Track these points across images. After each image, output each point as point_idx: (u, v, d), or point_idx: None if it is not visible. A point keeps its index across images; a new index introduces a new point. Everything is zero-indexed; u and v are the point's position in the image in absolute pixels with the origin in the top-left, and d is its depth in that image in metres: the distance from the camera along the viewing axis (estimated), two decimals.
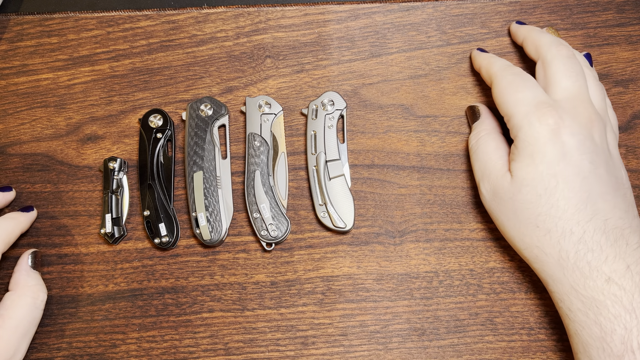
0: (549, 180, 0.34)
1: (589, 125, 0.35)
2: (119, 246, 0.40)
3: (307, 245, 0.40)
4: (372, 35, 0.42)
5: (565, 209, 0.34)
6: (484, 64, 0.40)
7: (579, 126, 0.34)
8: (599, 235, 0.33)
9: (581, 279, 0.33)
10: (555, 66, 0.37)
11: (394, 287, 0.40)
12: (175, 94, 0.42)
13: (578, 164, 0.34)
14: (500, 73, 0.38)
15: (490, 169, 0.37)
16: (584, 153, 0.34)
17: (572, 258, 0.33)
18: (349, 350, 0.39)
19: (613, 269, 0.32)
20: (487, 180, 0.37)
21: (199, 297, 0.39)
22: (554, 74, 0.37)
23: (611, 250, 0.32)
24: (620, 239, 0.33)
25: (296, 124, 0.42)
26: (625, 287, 0.31)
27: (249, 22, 0.42)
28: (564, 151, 0.34)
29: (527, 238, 0.35)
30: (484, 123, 0.40)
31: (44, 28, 0.42)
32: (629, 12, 0.43)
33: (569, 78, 0.36)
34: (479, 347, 0.39)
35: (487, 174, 0.37)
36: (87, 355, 0.39)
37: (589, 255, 0.33)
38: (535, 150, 0.34)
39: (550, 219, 0.34)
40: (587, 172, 0.34)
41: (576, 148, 0.34)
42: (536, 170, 0.34)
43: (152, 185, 0.40)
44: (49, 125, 0.41)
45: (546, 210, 0.34)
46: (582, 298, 0.33)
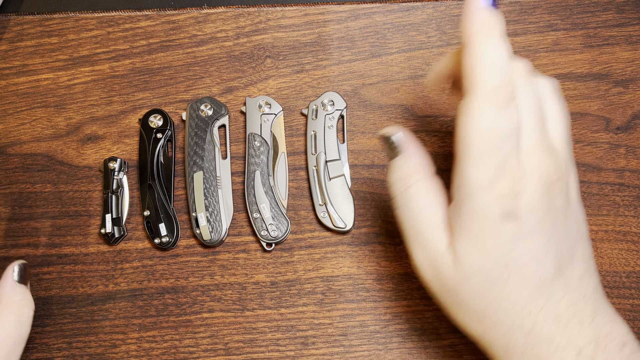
0: (500, 270, 0.29)
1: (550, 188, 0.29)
2: (119, 246, 0.40)
3: (307, 245, 0.40)
4: (372, 36, 0.42)
5: (517, 301, 0.29)
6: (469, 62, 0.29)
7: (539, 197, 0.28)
8: (550, 324, 0.29)
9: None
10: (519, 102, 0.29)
11: (394, 287, 0.40)
12: (175, 94, 0.42)
13: (535, 247, 0.29)
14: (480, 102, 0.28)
15: (426, 238, 0.31)
16: (542, 232, 0.29)
17: (520, 350, 0.29)
18: (349, 350, 0.39)
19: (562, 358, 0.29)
20: (423, 251, 0.31)
21: (199, 297, 0.39)
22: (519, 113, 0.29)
23: (562, 338, 0.29)
24: (573, 319, 0.29)
25: (296, 124, 0.42)
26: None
27: (249, 22, 0.42)
28: (519, 236, 0.28)
29: (473, 326, 0.31)
30: (410, 161, 0.31)
31: (44, 28, 0.42)
32: (629, 12, 0.43)
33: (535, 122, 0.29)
34: None
35: (421, 244, 0.31)
36: (87, 355, 0.39)
37: (537, 348, 0.29)
38: (484, 235, 0.29)
39: (500, 311, 0.29)
40: (545, 254, 0.29)
41: (534, 230, 0.28)
42: (485, 259, 0.29)
43: (152, 185, 0.40)
44: (49, 125, 0.41)
45: (496, 303, 0.29)
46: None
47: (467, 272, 0.29)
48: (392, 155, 0.32)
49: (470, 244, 0.29)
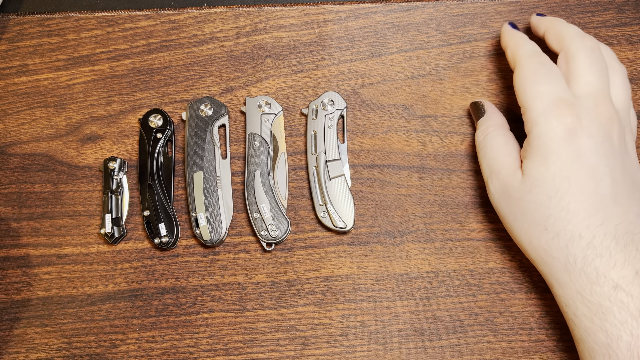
0: (561, 182, 0.33)
1: (609, 126, 0.34)
2: (119, 246, 0.40)
3: (307, 245, 0.40)
4: (372, 35, 0.42)
5: (575, 212, 0.33)
6: (510, 44, 0.38)
7: (597, 127, 0.33)
8: (609, 241, 0.32)
9: (588, 284, 0.32)
10: (578, 59, 0.35)
11: (394, 287, 0.39)
12: (175, 94, 0.42)
13: (593, 167, 0.33)
14: (525, 59, 0.36)
15: (499, 166, 0.36)
16: (599, 156, 0.33)
17: (580, 263, 0.32)
18: (349, 351, 0.39)
19: (621, 275, 0.31)
20: (497, 177, 0.36)
21: (199, 297, 0.39)
22: (577, 67, 0.35)
23: (620, 256, 0.32)
24: (630, 245, 0.32)
25: (296, 124, 0.42)
26: (632, 293, 0.31)
27: (249, 22, 0.42)
28: (579, 153, 0.33)
29: (535, 240, 0.34)
30: (491, 119, 0.39)
31: (44, 28, 0.42)
32: (629, 12, 0.43)
33: (593, 73, 0.35)
34: (479, 347, 0.39)
35: (496, 171, 0.36)
36: (87, 355, 0.39)
37: (597, 261, 0.32)
38: (549, 150, 0.33)
39: (559, 222, 0.33)
40: (602, 176, 0.33)
41: (592, 151, 0.33)
42: (548, 171, 0.33)
43: (152, 185, 0.40)
44: (49, 125, 0.41)
45: (556, 213, 0.33)
46: (588, 304, 0.32)
47: (531, 183, 0.34)
48: (479, 115, 0.39)
49: (536, 161, 0.34)
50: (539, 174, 0.34)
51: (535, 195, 0.34)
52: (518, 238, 0.36)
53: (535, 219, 0.34)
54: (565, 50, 0.36)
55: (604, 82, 0.35)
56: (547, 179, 0.33)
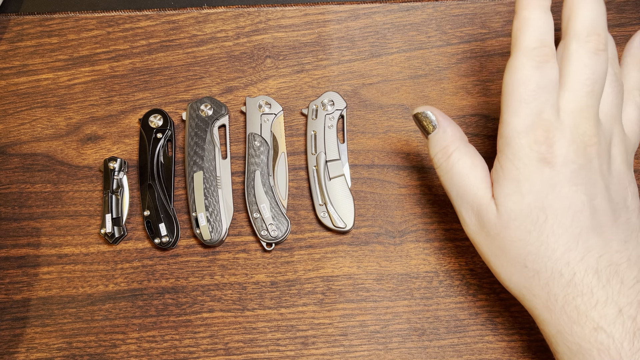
0: (537, 214, 0.31)
1: (588, 149, 0.31)
2: (119, 246, 0.40)
3: (307, 245, 0.40)
4: (372, 35, 0.42)
5: (554, 248, 0.31)
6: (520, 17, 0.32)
7: (574, 153, 0.31)
8: (590, 277, 0.30)
9: (568, 324, 0.30)
10: (573, 66, 0.32)
11: (394, 287, 0.40)
12: (175, 94, 0.42)
13: (570, 197, 0.31)
14: (523, 56, 0.32)
15: (471, 196, 0.33)
16: (577, 184, 0.31)
17: (561, 302, 0.31)
18: (349, 350, 0.39)
19: (602, 315, 0.30)
20: (470, 209, 0.33)
21: (199, 297, 0.39)
22: (569, 75, 0.32)
23: (602, 294, 0.30)
24: (614, 278, 0.30)
25: (296, 124, 0.42)
26: (614, 335, 0.29)
27: (249, 22, 0.42)
28: (554, 182, 0.31)
29: (515, 277, 0.32)
30: (447, 134, 0.34)
31: (44, 28, 0.42)
32: (629, 12, 0.43)
33: (584, 87, 0.31)
34: (479, 347, 0.39)
35: (468, 202, 0.33)
36: (87, 355, 0.39)
37: (578, 300, 0.30)
38: (522, 177, 0.31)
39: (539, 258, 0.31)
40: (580, 206, 0.31)
41: (569, 180, 0.31)
42: (523, 200, 0.31)
43: (152, 185, 0.40)
44: (49, 125, 0.41)
45: (535, 249, 0.31)
46: (568, 344, 0.31)
47: (507, 217, 0.32)
48: (429, 130, 0.34)
49: (509, 188, 0.31)
50: (513, 205, 0.31)
51: (513, 231, 0.32)
52: (498, 274, 0.34)
53: (514, 257, 0.32)
54: (565, 44, 0.32)
55: (593, 96, 0.32)
56: (523, 211, 0.31)
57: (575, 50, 0.32)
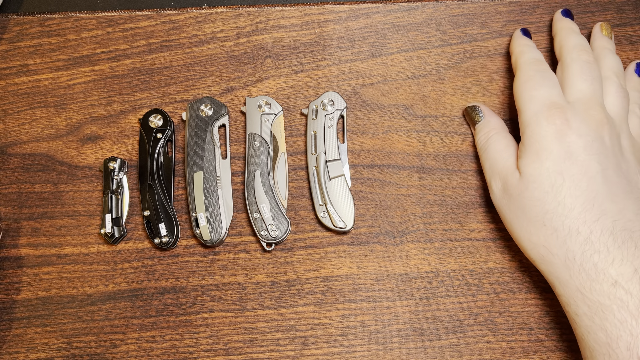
0: (555, 177, 0.34)
1: (599, 128, 0.35)
2: (119, 246, 0.40)
3: (307, 245, 0.40)
4: (372, 36, 0.42)
5: (571, 207, 0.33)
6: (516, 51, 0.40)
7: (587, 128, 0.35)
8: (606, 237, 0.32)
9: (587, 281, 0.32)
10: (572, 69, 0.37)
11: (394, 287, 0.40)
12: (175, 94, 0.42)
13: (585, 164, 0.34)
14: (524, 66, 0.38)
15: (500, 166, 0.37)
16: (591, 154, 0.34)
17: (579, 259, 0.33)
18: (349, 351, 0.39)
19: (620, 272, 0.31)
20: (498, 177, 0.37)
21: (199, 297, 0.39)
22: (570, 76, 0.37)
23: (618, 253, 0.32)
24: (628, 241, 0.32)
25: (296, 124, 0.42)
26: (632, 291, 0.31)
27: (249, 22, 0.42)
28: (570, 150, 0.34)
29: (534, 237, 0.35)
30: (491, 122, 0.40)
31: (44, 28, 0.42)
32: (629, 12, 0.43)
33: (584, 82, 0.37)
34: (479, 347, 0.39)
35: (497, 171, 0.38)
36: (87, 355, 0.39)
37: (595, 257, 0.32)
38: (541, 148, 0.35)
39: (557, 217, 0.34)
40: (594, 172, 0.34)
41: (583, 148, 0.34)
42: (542, 166, 0.35)
43: (152, 185, 0.40)
44: (49, 125, 0.41)
45: (553, 208, 0.34)
46: (588, 302, 0.32)
47: (527, 180, 0.35)
48: (477, 120, 0.40)
49: (529, 158, 0.35)
50: (533, 170, 0.35)
51: (532, 191, 0.35)
52: (518, 237, 0.36)
53: (533, 216, 0.35)
54: (562, 60, 0.39)
55: (595, 90, 0.36)
56: (542, 175, 0.35)
57: (572, 59, 0.38)
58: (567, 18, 0.41)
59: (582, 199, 0.33)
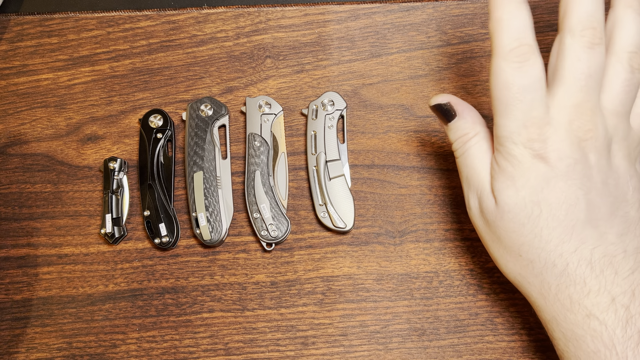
0: (532, 208, 0.31)
1: (583, 144, 0.31)
2: (119, 246, 0.40)
3: (307, 245, 0.40)
4: (372, 36, 0.42)
5: (548, 239, 0.31)
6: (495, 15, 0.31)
7: (569, 148, 0.31)
8: (583, 268, 0.31)
9: (562, 311, 0.31)
10: (568, 59, 0.31)
11: (394, 287, 0.40)
12: (175, 94, 0.42)
13: (564, 191, 0.31)
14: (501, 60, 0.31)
15: (476, 181, 0.34)
16: (571, 179, 0.31)
17: (554, 290, 0.32)
18: (349, 351, 0.39)
19: (595, 303, 0.30)
20: (474, 194, 0.34)
21: (199, 297, 0.39)
22: (562, 70, 0.31)
23: (595, 283, 0.31)
24: (607, 269, 0.31)
25: (296, 124, 0.42)
26: (606, 322, 0.30)
27: (249, 22, 0.42)
28: (549, 177, 0.31)
29: (510, 264, 0.33)
30: (467, 121, 0.34)
31: (44, 28, 0.42)
32: None
33: (577, 82, 0.31)
34: (479, 347, 0.39)
35: (473, 187, 0.34)
36: (87, 355, 0.39)
37: (570, 289, 0.31)
38: (517, 174, 0.32)
39: (533, 249, 0.32)
40: (574, 200, 0.31)
41: (563, 174, 0.31)
42: (517, 195, 0.32)
43: (152, 185, 0.40)
44: (49, 126, 0.41)
45: (529, 240, 0.32)
46: (563, 330, 0.32)
47: (502, 209, 0.32)
48: (449, 118, 0.35)
49: (505, 183, 0.32)
50: (508, 199, 0.32)
51: (507, 222, 0.32)
52: (495, 260, 0.35)
53: (509, 245, 0.33)
54: (560, 39, 0.32)
55: (588, 91, 0.31)
56: (517, 205, 0.32)
57: (569, 44, 0.31)
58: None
59: (559, 230, 0.31)
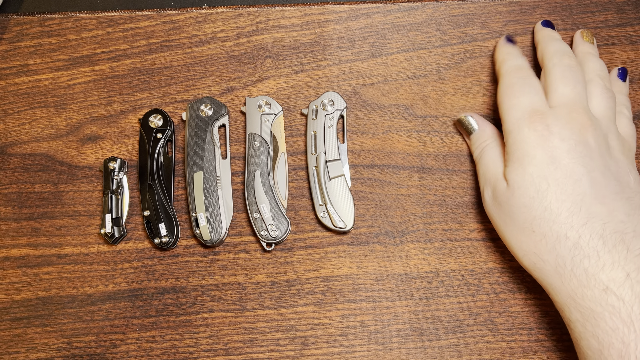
0: (539, 182, 0.34)
1: (583, 130, 0.35)
2: (119, 246, 0.40)
3: (307, 245, 0.40)
4: (372, 36, 0.42)
5: (558, 212, 0.33)
6: (499, 58, 0.40)
7: (569, 132, 0.34)
8: (596, 241, 0.32)
9: (579, 288, 0.32)
10: (554, 74, 0.37)
11: (394, 287, 0.40)
12: (175, 94, 0.42)
13: (569, 167, 0.34)
14: (507, 74, 0.38)
15: (490, 175, 0.38)
16: (574, 157, 0.34)
17: (569, 265, 0.32)
18: (349, 351, 0.39)
19: (611, 278, 0.31)
20: (489, 185, 0.38)
21: (199, 297, 0.39)
22: (553, 82, 0.37)
23: (609, 257, 0.31)
24: (619, 244, 0.32)
25: (296, 124, 0.42)
26: (624, 297, 0.30)
27: (249, 22, 0.42)
28: (554, 155, 0.34)
29: (524, 244, 0.35)
30: (484, 133, 0.40)
31: (44, 28, 0.42)
32: (629, 12, 0.43)
33: (566, 86, 0.36)
34: (479, 347, 0.39)
35: (488, 180, 0.38)
36: (87, 355, 0.39)
37: (585, 262, 0.32)
38: (524, 154, 0.35)
39: (544, 222, 0.33)
40: (579, 175, 0.33)
41: (566, 152, 0.34)
42: (526, 172, 0.35)
43: (152, 185, 0.40)
44: (49, 126, 0.41)
45: (540, 214, 0.34)
46: (580, 309, 0.32)
47: (513, 187, 0.35)
48: (470, 131, 0.40)
49: (513, 165, 0.35)
50: (517, 177, 0.35)
51: (518, 198, 0.35)
52: (510, 244, 0.36)
53: (522, 222, 0.35)
54: (544, 66, 0.39)
55: (578, 93, 0.36)
56: (526, 180, 0.34)
57: (552, 65, 0.38)
58: (547, 27, 0.41)
59: (568, 202, 0.33)
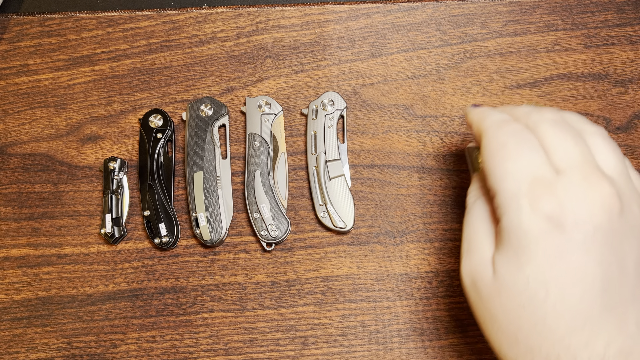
0: (536, 289, 0.26)
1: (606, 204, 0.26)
2: (119, 246, 0.40)
3: (307, 245, 0.40)
4: (372, 36, 0.42)
5: (553, 329, 0.26)
6: (475, 119, 0.31)
7: (588, 210, 0.26)
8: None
9: None
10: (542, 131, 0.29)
11: (394, 287, 0.40)
12: (175, 94, 0.42)
13: (580, 269, 0.25)
14: (491, 131, 0.29)
15: (474, 248, 0.29)
16: (590, 251, 0.25)
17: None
18: (349, 351, 0.39)
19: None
20: (470, 259, 0.29)
21: (199, 297, 0.39)
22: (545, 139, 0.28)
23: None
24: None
25: (296, 124, 0.42)
26: None
27: (249, 22, 0.42)
28: (562, 250, 0.26)
29: (504, 349, 0.28)
30: None
31: (44, 28, 0.42)
32: (629, 12, 0.43)
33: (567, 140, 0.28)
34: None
35: (470, 252, 0.30)
36: (87, 355, 0.39)
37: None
38: (522, 246, 0.26)
39: (533, 337, 0.26)
40: (592, 279, 0.25)
41: (580, 246, 0.25)
42: (520, 272, 0.26)
43: (152, 185, 0.40)
44: (49, 125, 0.41)
45: (530, 326, 0.26)
46: None
47: (501, 284, 0.27)
48: (475, 169, 0.32)
49: (506, 256, 0.27)
50: (509, 275, 0.27)
51: (504, 300, 0.27)
52: (488, 340, 0.29)
53: (505, 327, 0.27)
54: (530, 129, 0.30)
55: (584, 149, 0.28)
56: (518, 283, 0.26)
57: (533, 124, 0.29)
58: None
59: (569, 317, 0.25)
